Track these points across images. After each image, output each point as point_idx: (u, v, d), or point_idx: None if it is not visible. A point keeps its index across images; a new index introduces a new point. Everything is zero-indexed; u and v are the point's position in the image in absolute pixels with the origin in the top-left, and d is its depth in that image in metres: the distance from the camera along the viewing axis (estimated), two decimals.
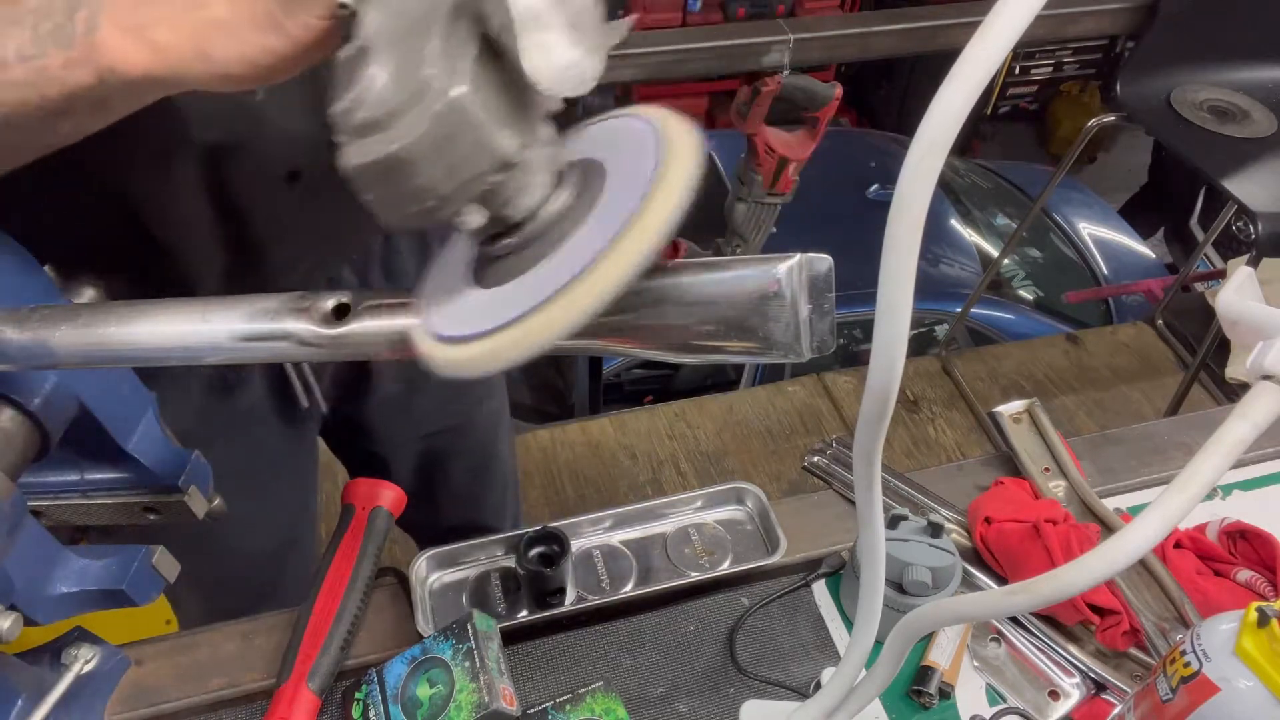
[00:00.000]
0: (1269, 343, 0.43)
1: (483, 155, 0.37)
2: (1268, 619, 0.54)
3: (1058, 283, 2.85)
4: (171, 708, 0.74)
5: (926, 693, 0.75)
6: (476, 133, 0.37)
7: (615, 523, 0.86)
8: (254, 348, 0.45)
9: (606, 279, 0.37)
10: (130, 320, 0.45)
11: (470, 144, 0.37)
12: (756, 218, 1.49)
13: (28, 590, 0.54)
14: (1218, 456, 0.42)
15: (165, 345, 0.45)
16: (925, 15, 1.70)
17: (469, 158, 0.37)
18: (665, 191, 0.38)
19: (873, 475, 0.47)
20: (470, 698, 0.68)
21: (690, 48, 1.58)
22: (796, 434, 2.14)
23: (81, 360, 0.45)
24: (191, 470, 0.62)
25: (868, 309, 2.12)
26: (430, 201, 0.38)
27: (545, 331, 0.38)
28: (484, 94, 0.37)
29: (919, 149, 0.35)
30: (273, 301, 0.45)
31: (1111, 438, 0.99)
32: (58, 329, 0.45)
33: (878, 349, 0.40)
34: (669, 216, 0.38)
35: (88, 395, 0.54)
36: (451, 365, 0.40)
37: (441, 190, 0.37)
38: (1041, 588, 0.46)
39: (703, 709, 0.76)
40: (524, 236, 0.41)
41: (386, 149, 0.36)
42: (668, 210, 0.37)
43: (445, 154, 0.37)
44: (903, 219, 0.36)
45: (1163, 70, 1.79)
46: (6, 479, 0.51)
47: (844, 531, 0.87)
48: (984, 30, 0.33)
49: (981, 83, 0.34)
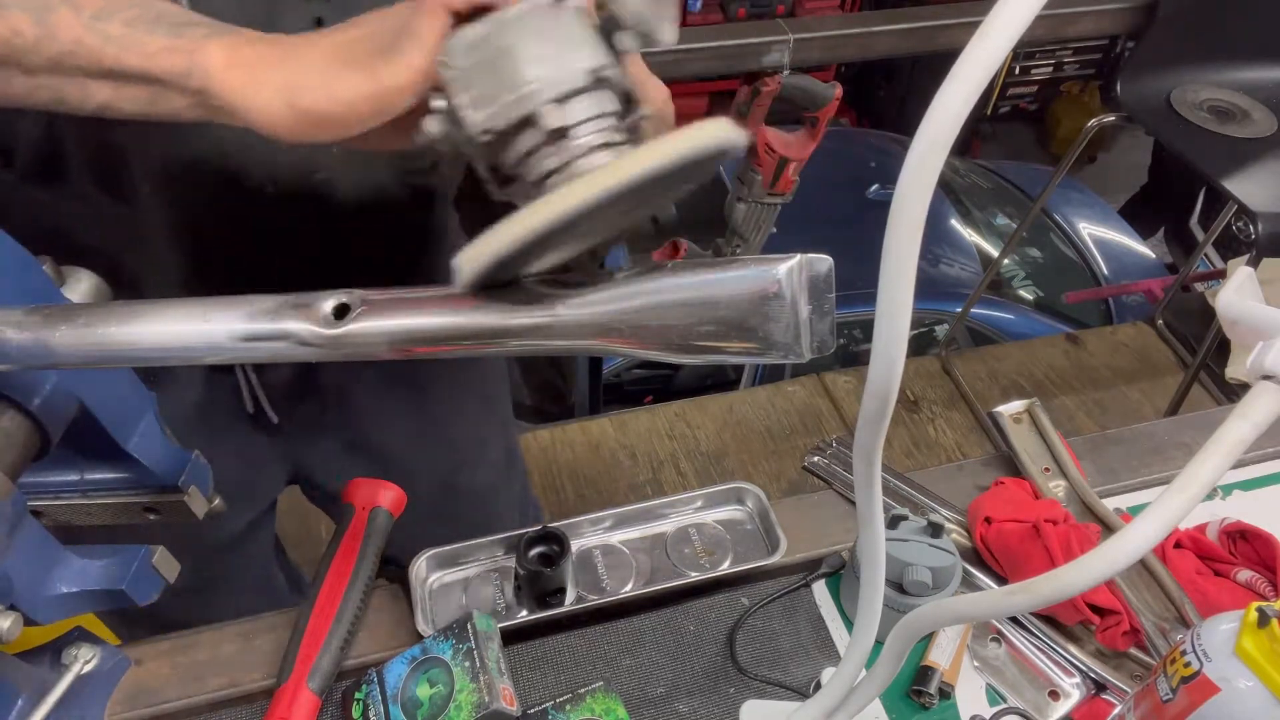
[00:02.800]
0: (1269, 343, 0.43)
1: (580, 55, 0.44)
2: (1268, 619, 0.54)
3: (1058, 283, 2.85)
4: (171, 708, 0.74)
5: (926, 693, 0.75)
6: (576, 34, 0.44)
7: (615, 523, 0.86)
8: (254, 348, 0.45)
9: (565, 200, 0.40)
10: (130, 320, 0.45)
11: (570, 42, 0.44)
12: (756, 218, 1.49)
13: (28, 590, 0.54)
14: (1218, 456, 0.42)
15: (165, 345, 0.45)
16: (925, 15, 1.70)
17: (567, 53, 0.44)
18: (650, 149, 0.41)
19: (873, 475, 0.47)
20: (470, 698, 0.68)
21: (690, 48, 1.57)
22: (796, 434, 2.14)
23: (81, 360, 0.45)
24: (191, 470, 0.62)
25: (868, 309, 2.12)
26: (528, 87, 0.43)
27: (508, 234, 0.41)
28: (583, 22, 0.45)
29: (919, 149, 0.35)
30: (272, 302, 0.45)
31: (1111, 438, 0.99)
32: (58, 329, 0.45)
33: (878, 349, 0.40)
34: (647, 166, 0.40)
35: (88, 395, 0.54)
36: (467, 260, 0.42)
37: (542, 76, 0.43)
38: (1041, 588, 0.46)
39: (703, 709, 0.76)
40: (570, 174, 0.45)
41: (500, 42, 0.44)
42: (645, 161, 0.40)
43: (551, 49, 0.44)
44: (903, 219, 0.36)
45: (1163, 70, 1.79)
46: (6, 479, 0.51)
47: (844, 531, 0.87)
48: (984, 30, 0.33)
49: (982, 83, 0.34)
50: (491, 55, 0.44)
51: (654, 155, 0.40)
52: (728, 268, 0.43)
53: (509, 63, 0.43)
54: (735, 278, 0.42)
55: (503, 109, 0.44)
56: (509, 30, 0.44)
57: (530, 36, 0.44)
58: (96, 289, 0.56)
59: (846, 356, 2.52)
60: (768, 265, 0.42)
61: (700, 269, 0.43)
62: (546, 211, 0.40)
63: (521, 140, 0.45)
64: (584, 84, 0.44)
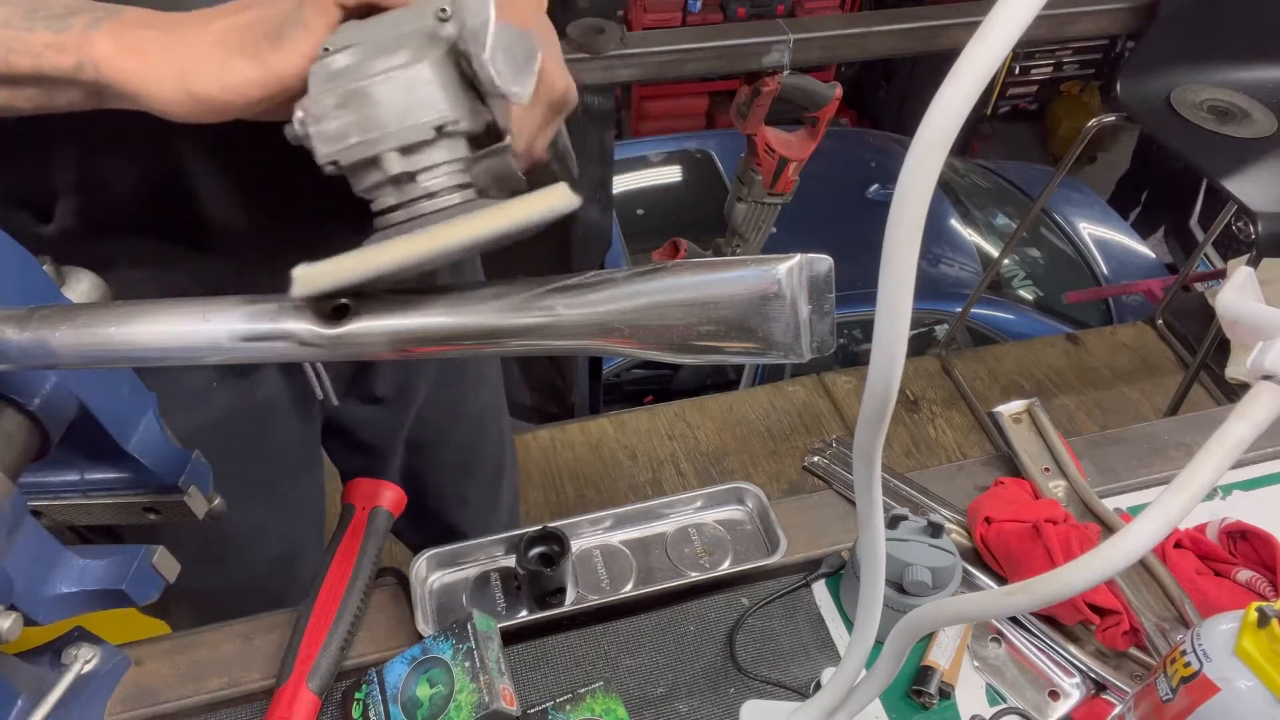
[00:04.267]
0: (1269, 343, 0.43)
1: (428, 109, 0.45)
2: (1268, 619, 0.54)
3: (1058, 283, 2.86)
4: (171, 708, 0.74)
5: (926, 693, 0.75)
6: (429, 90, 0.45)
7: (615, 523, 0.86)
8: (254, 348, 0.45)
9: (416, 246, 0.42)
10: (130, 320, 0.45)
11: (422, 97, 0.45)
12: (756, 218, 1.49)
13: (28, 590, 0.54)
14: (1218, 456, 0.42)
15: (165, 345, 0.45)
16: (925, 15, 1.70)
17: (417, 107, 0.45)
18: (505, 210, 0.42)
19: (873, 475, 0.47)
20: (470, 698, 0.68)
21: (690, 48, 1.57)
22: (796, 434, 2.14)
23: (81, 360, 0.45)
24: (191, 470, 0.62)
25: (868, 309, 2.12)
26: (374, 133, 0.45)
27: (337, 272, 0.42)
28: (442, 74, 0.45)
29: (919, 148, 0.35)
30: (273, 302, 0.45)
31: (1111, 438, 0.99)
32: (58, 329, 0.45)
33: (878, 348, 0.40)
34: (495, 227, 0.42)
35: (88, 395, 0.54)
36: (302, 278, 0.43)
37: (389, 126, 0.44)
38: (1041, 588, 0.46)
39: (703, 709, 0.76)
40: (409, 213, 0.46)
41: (357, 83, 0.45)
42: (495, 222, 0.42)
43: (402, 98, 0.45)
44: (903, 219, 0.36)
45: (1163, 70, 1.79)
46: (6, 479, 0.51)
47: (844, 531, 0.88)
48: (984, 30, 0.33)
49: (982, 82, 0.34)
50: (349, 93, 0.45)
51: (482, 223, 0.42)
52: (727, 268, 0.43)
53: (363, 105, 0.45)
54: (735, 278, 0.42)
55: (348, 148, 0.45)
56: (370, 67, 0.45)
57: (387, 82, 0.45)
58: (96, 289, 0.56)
59: (846, 356, 2.53)
60: (768, 265, 0.42)
61: (699, 269, 0.43)
62: (375, 259, 0.42)
63: (366, 176, 0.46)
64: (430, 137, 0.45)
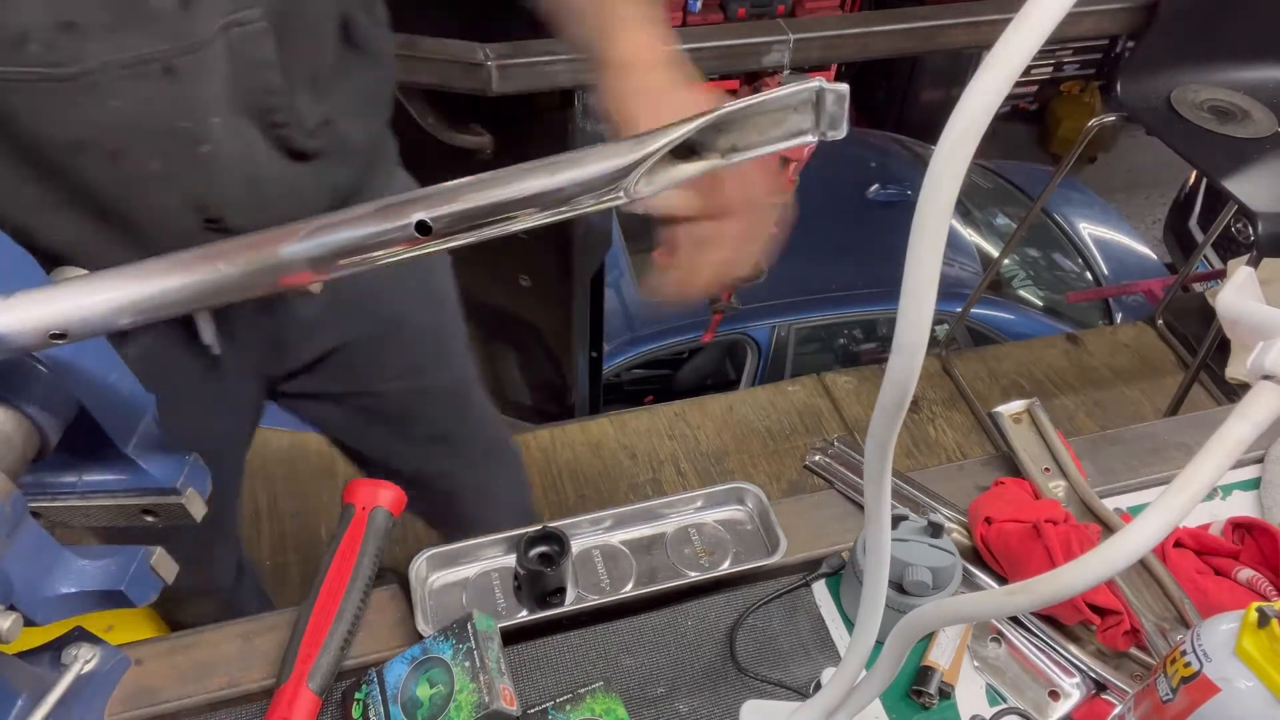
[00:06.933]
0: (1269, 343, 0.43)
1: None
2: (1268, 619, 0.54)
3: (1058, 283, 2.86)
4: (171, 708, 0.74)
5: (926, 693, 0.75)
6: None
7: (615, 523, 0.86)
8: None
9: None
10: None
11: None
12: None
13: (27, 590, 0.54)
14: (1218, 456, 0.42)
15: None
16: (925, 15, 1.70)
17: None
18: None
19: (884, 467, 0.47)
20: (470, 698, 0.68)
21: (690, 48, 1.58)
22: (796, 434, 2.14)
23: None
24: (189, 473, 0.62)
25: (868, 309, 2.14)
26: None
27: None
28: None
29: (952, 135, 0.35)
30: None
31: (1111, 438, 0.99)
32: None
33: (900, 335, 0.40)
34: None
35: (87, 397, 0.54)
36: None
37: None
38: (1041, 588, 0.46)
39: (703, 709, 0.76)
40: None
41: None
42: None
43: None
44: (932, 205, 0.37)
45: (1163, 70, 1.79)
46: (7, 480, 0.51)
47: (844, 531, 0.87)
48: (1021, 19, 0.33)
49: (1017, 71, 0.34)
50: None
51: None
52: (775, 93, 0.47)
53: None
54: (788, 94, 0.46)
55: None
56: None
57: None
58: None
59: (847, 356, 2.52)
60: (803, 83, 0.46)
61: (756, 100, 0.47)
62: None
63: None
64: None
